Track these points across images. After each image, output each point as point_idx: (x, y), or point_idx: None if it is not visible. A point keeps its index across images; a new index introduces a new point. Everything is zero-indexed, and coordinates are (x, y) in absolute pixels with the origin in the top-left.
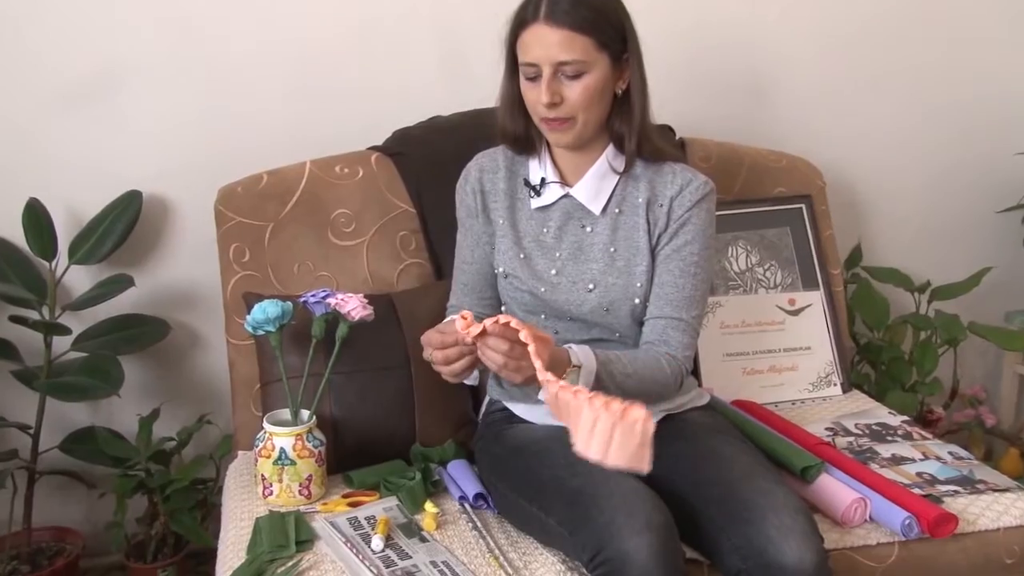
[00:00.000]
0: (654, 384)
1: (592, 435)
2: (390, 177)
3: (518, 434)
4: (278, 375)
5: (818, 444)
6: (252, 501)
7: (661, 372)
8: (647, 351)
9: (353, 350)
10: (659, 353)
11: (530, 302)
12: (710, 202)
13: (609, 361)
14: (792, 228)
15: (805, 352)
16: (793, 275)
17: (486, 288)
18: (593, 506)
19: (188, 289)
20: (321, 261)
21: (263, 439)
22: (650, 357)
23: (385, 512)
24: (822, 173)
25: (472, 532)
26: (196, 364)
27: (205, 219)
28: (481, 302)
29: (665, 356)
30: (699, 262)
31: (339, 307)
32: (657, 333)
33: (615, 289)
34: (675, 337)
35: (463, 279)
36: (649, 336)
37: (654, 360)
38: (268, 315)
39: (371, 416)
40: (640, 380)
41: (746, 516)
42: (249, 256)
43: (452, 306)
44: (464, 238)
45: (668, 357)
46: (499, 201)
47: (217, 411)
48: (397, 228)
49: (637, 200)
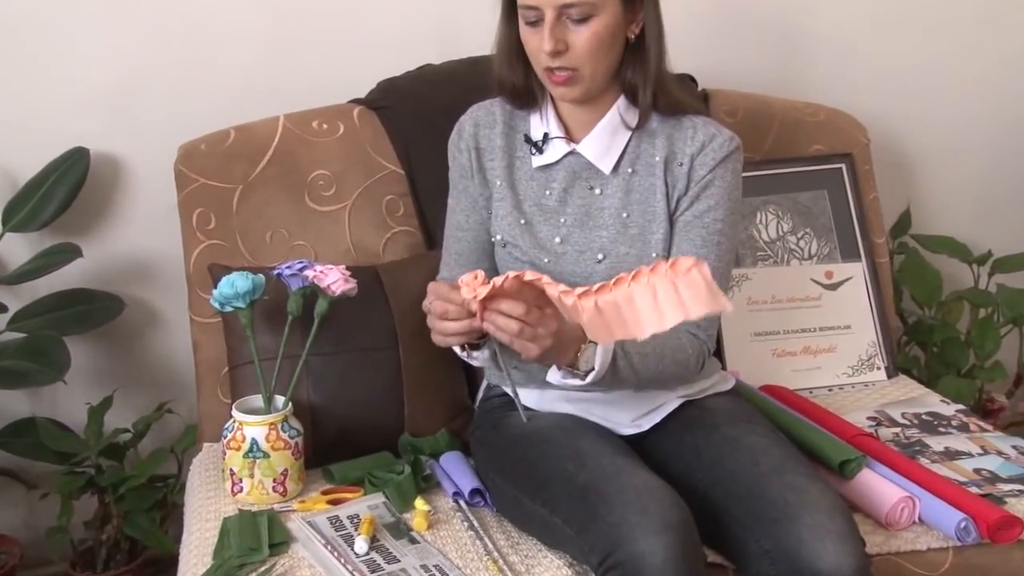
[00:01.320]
0: (674, 365)
1: (658, 305)
2: (375, 134)
3: (519, 423)
4: (249, 357)
5: (859, 436)
6: (219, 499)
7: (682, 352)
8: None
9: (334, 329)
10: (679, 330)
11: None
12: (736, 161)
13: (628, 342)
14: (830, 191)
15: (844, 332)
16: (831, 244)
17: (482, 258)
18: (603, 503)
19: (145, 260)
20: (297, 228)
21: (232, 429)
22: (670, 334)
23: (370, 510)
24: (866, 128)
25: (468, 532)
26: (154, 345)
27: (164, 181)
28: None
29: (685, 334)
30: (723, 230)
31: (318, 280)
32: None
33: (628, 260)
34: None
35: (455, 248)
36: None
37: (674, 338)
38: (237, 289)
39: (354, 403)
40: (658, 360)
41: (776, 515)
42: (215, 223)
43: (443, 277)
44: (457, 202)
45: (689, 336)
46: (496, 159)
47: (179, 398)
48: (383, 191)
49: (653, 158)
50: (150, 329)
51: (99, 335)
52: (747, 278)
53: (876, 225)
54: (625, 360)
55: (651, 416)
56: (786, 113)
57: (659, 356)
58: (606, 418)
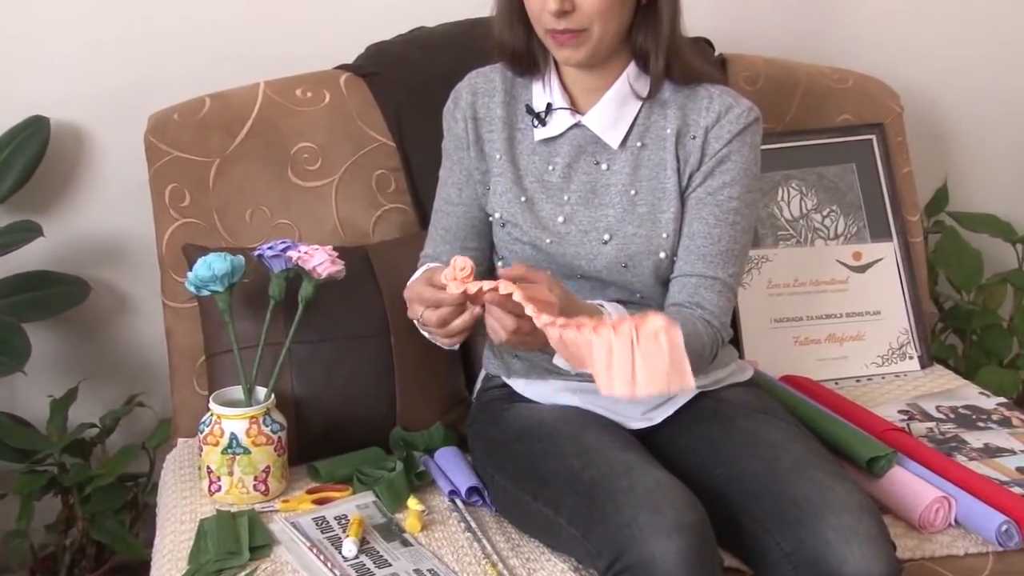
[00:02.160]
0: (691, 354)
1: (611, 369)
2: (363, 103)
3: (520, 415)
4: (227, 345)
5: (889, 430)
6: (195, 499)
7: (698, 338)
8: (680, 313)
9: (320, 314)
10: (694, 316)
11: (532, 256)
12: (754, 134)
13: None
14: (859, 165)
15: (873, 318)
16: (859, 223)
17: (471, 236)
18: (611, 502)
19: (112, 240)
20: (279, 206)
21: (209, 423)
22: (686, 321)
23: (359, 510)
24: (899, 96)
25: (465, 534)
26: (123, 333)
27: (133, 153)
28: (464, 253)
29: (701, 321)
30: (739, 208)
31: (302, 262)
32: (687, 294)
33: (636, 241)
34: (709, 299)
35: (444, 223)
36: (678, 297)
37: (690, 325)
38: (214, 272)
39: (342, 394)
40: None
41: (798, 516)
42: (190, 200)
43: (427, 256)
44: (449, 173)
45: (704, 323)
46: (496, 131)
47: (151, 390)
48: (373, 165)
49: (664, 131)
50: (119, 315)
51: (62, 322)
52: (767, 259)
53: (909, 202)
54: None
55: (662, 409)
56: (811, 79)
57: None
58: (614, 411)
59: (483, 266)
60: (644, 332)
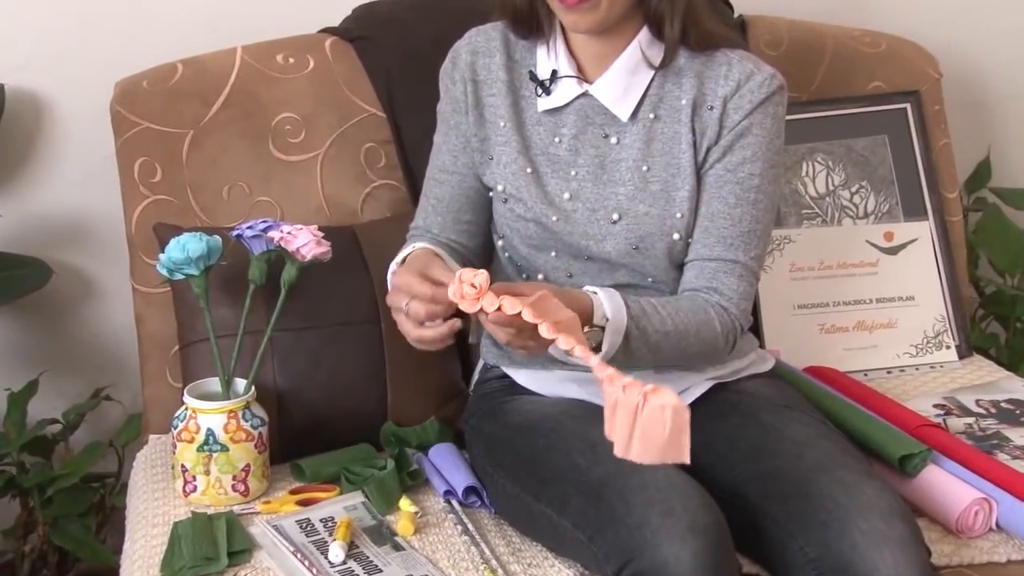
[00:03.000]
0: (700, 344)
1: (613, 423)
2: (351, 70)
3: (522, 409)
4: (203, 333)
5: (924, 426)
6: (168, 501)
7: (709, 329)
8: (692, 300)
9: (304, 299)
10: (708, 303)
11: (536, 235)
12: (777, 104)
13: (642, 314)
14: (892, 136)
15: (907, 303)
16: (892, 200)
17: (466, 208)
18: (620, 503)
19: (76, 220)
20: (260, 182)
21: (183, 418)
22: (696, 308)
23: (347, 512)
24: (936, 60)
25: (462, 538)
26: (89, 320)
27: (98, 124)
28: (456, 227)
29: (715, 307)
30: (761, 186)
31: (285, 243)
32: (705, 279)
33: (648, 220)
34: (728, 284)
35: (436, 192)
36: (694, 282)
37: (701, 312)
38: (189, 253)
39: (328, 386)
40: (681, 339)
41: (824, 518)
42: (161, 175)
43: (417, 228)
44: (445, 139)
45: (719, 309)
46: (499, 95)
47: (119, 382)
48: (361, 138)
49: (679, 101)
50: (83, 301)
51: (21, 308)
52: (790, 240)
53: (947, 177)
54: (641, 340)
55: None
56: (839, 43)
57: (682, 335)
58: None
59: (477, 240)
60: (651, 403)
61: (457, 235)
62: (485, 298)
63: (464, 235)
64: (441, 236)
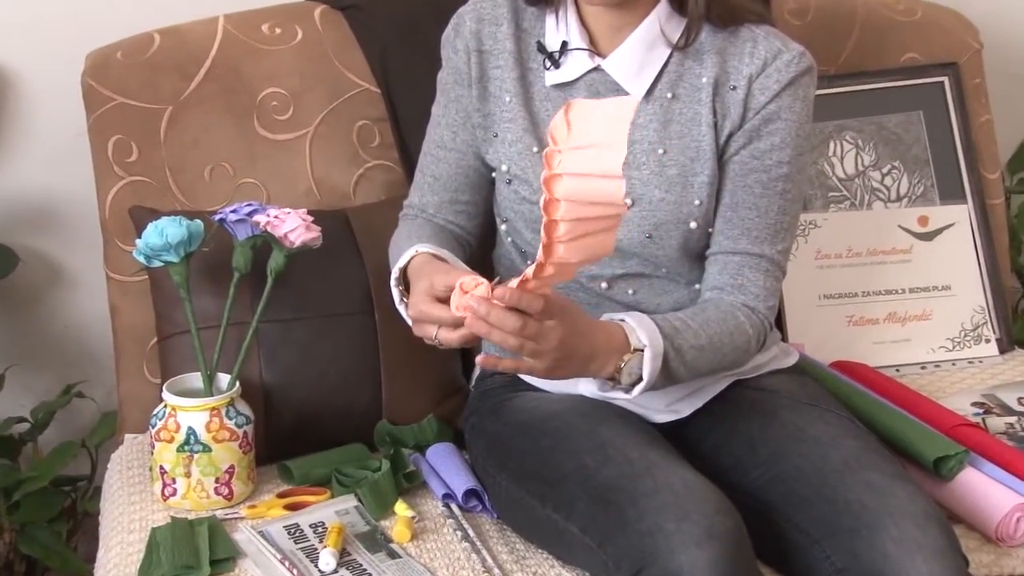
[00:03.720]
0: (734, 352)
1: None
2: (342, 41)
3: (526, 406)
4: (183, 325)
5: (961, 426)
6: (146, 505)
7: (742, 334)
8: (717, 306)
9: (292, 289)
10: (734, 306)
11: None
12: (807, 85)
13: (675, 332)
14: (927, 113)
15: (943, 293)
16: (927, 182)
17: (464, 187)
18: (631, 506)
19: (45, 203)
20: (245, 162)
21: (162, 416)
22: (724, 315)
23: (339, 517)
24: (977, 30)
25: (462, 544)
26: (59, 311)
27: (67, 99)
28: (454, 207)
29: (743, 310)
30: (790, 174)
31: (271, 228)
32: (729, 275)
33: (664, 208)
34: (755, 280)
35: (433, 170)
36: (717, 279)
37: (731, 319)
38: (168, 239)
39: (318, 382)
40: (715, 350)
41: (852, 524)
42: (138, 154)
43: (411, 206)
44: (444, 112)
45: (746, 311)
46: (505, 67)
47: (93, 378)
48: (354, 115)
49: (699, 80)
50: (53, 290)
51: None
52: (816, 226)
53: (988, 156)
54: (678, 360)
55: (691, 399)
56: (870, 11)
57: (717, 347)
58: (635, 401)
59: (476, 221)
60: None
61: (454, 216)
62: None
63: (462, 216)
64: (437, 217)
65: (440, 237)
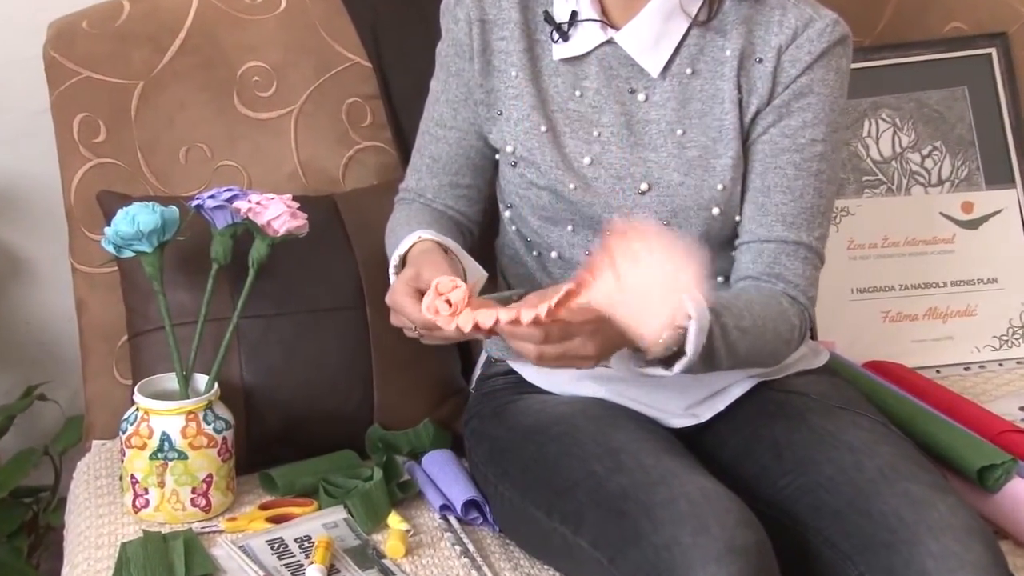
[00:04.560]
0: (776, 341)
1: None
2: (329, 10)
3: (531, 409)
4: (157, 321)
5: (1008, 432)
6: (115, 518)
7: (785, 322)
8: (759, 290)
9: (276, 281)
10: (776, 292)
11: (550, 205)
12: (841, 56)
13: (723, 310)
14: (972, 89)
15: (989, 287)
16: (971, 164)
17: (465, 170)
18: (646, 518)
19: (3, 187)
20: (224, 143)
21: (133, 421)
22: (767, 299)
23: (327, 531)
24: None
25: (460, 560)
26: (20, 306)
27: (28, 73)
28: (454, 191)
29: (785, 297)
30: (824, 153)
31: (253, 215)
32: (765, 264)
33: (683, 192)
34: (793, 269)
35: (431, 150)
36: (751, 268)
37: (775, 304)
38: (140, 227)
39: (304, 383)
40: (758, 336)
41: (888, 539)
42: (106, 134)
43: (408, 190)
44: (444, 87)
45: (789, 299)
46: (511, 39)
47: (57, 379)
48: (343, 92)
49: (723, 53)
50: (13, 282)
51: None
52: (848, 213)
53: None
54: (723, 339)
55: (712, 402)
56: None
57: (760, 332)
58: (650, 404)
59: (478, 206)
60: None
61: (454, 201)
62: (461, 317)
63: (462, 201)
64: (436, 202)
65: (440, 224)
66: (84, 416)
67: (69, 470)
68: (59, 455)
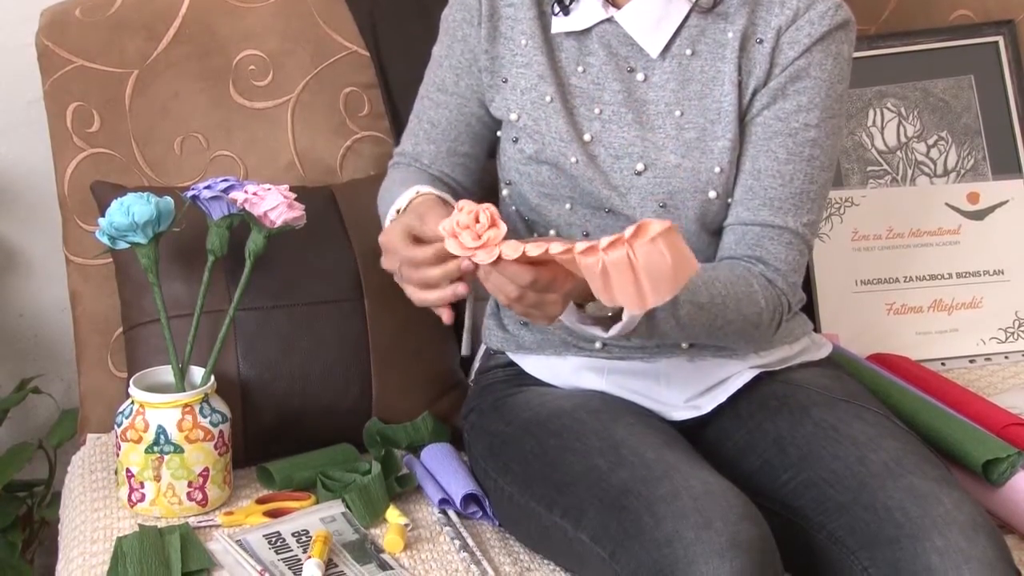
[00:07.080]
0: (740, 321)
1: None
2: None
3: (531, 402)
4: (152, 313)
5: (1013, 425)
6: (111, 512)
7: (751, 305)
8: (732, 268)
9: (273, 273)
10: (751, 273)
11: (550, 181)
12: (842, 41)
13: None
14: (979, 77)
15: (995, 279)
16: (977, 154)
17: (464, 137)
18: (647, 513)
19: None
20: (219, 133)
21: (129, 414)
22: (736, 278)
23: (324, 525)
24: None
25: (459, 555)
26: (13, 298)
27: (20, 62)
28: (451, 159)
29: (758, 278)
30: (818, 139)
31: (249, 206)
32: (747, 246)
33: (680, 174)
34: (775, 253)
35: (430, 115)
36: (735, 249)
37: (742, 283)
38: (134, 218)
39: (301, 376)
40: (717, 314)
41: (892, 534)
42: (100, 124)
43: (403, 154)
44: (448, 52)
45: (763, 281)
46: (520, 6)
47: (51, 372)
48: (340, 81)
49: (724, 34)
50: (6, 275)
51: None
52: (852, 203)
53: None
54: (668, 310)
55: (713, 394)
56: None
57: (719, 311)
58: (650, 396)
59: (474, 178)
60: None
61: (451, 168)
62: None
63: (459, 169)
64: (432, 168)
65: (437, 188)
66: (79, 409)
67: (64, 464)
68: (54, 449)
